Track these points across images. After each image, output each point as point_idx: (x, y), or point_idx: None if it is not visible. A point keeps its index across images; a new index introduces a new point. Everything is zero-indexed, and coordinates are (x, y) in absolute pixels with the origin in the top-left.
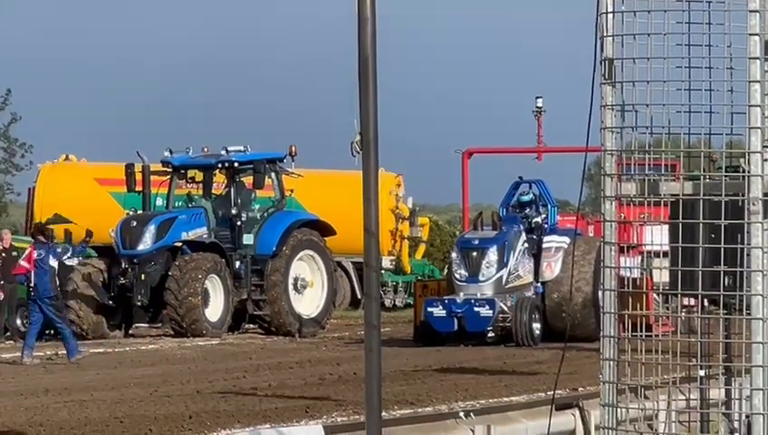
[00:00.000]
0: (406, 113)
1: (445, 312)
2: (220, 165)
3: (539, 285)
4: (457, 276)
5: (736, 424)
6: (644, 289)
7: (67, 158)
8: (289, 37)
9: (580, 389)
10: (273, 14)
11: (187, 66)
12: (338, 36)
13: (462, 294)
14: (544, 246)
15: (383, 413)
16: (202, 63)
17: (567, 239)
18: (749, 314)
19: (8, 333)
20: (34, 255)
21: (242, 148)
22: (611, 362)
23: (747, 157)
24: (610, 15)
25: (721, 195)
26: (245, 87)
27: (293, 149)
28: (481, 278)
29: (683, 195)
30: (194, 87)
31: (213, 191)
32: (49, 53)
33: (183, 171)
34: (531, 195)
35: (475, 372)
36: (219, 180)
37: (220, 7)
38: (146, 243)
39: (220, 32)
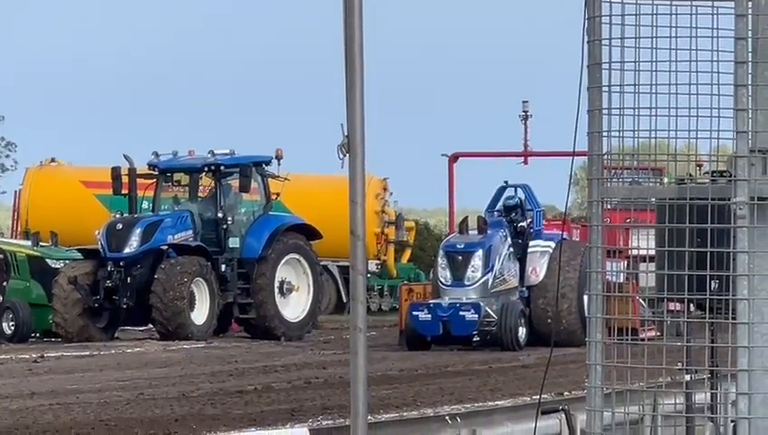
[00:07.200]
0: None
1: (430, 316)
2: (206, 168)
3: (524, 289)
4: (443, 280)
5: (722, 429)
6: (630, 293)
7: (53, 160)
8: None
9: (566, 393)
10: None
11: (175, 68)
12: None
13: (447, 298)
14: (530, 250)
15: (369, 417)
16: (189, 65)
17: (552, 244)
18: (735, 317)
19: None
20: None
21: (228, 151)
22: (597, 367)
23: (734, 161)
24: (597, 19)
25: (707, 199)
26: (233, 89)
27: (280, 152)
28: (466, 282)
29: (669, 199)
30: (181, 89)
31: (199, 194)
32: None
33: (169, 174)
34: (516, 199)
35: (461, 375)
36: (205, 184)
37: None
38: (132, 246)
39: (210, 34)
